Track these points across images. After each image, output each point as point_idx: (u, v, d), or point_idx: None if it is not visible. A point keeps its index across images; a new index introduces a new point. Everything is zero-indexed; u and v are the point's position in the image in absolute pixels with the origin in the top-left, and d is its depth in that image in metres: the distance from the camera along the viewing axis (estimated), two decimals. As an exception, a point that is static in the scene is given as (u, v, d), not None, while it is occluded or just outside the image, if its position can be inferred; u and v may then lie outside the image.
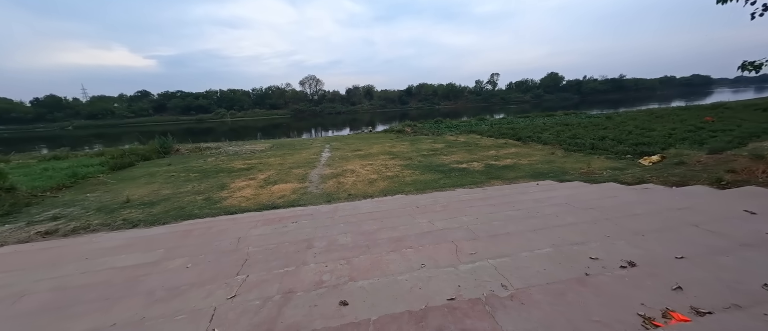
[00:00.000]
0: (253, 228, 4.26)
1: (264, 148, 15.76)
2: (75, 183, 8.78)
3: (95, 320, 1.93)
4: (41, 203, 7.04)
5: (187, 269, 2.76)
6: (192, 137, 23.37)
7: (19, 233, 5.20)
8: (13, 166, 11.40)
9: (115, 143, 23.59)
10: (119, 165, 11.29)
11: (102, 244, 4.26)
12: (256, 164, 10.67)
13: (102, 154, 13.85)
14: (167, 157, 13.87)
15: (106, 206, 6.55)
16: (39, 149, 22.47)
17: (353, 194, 6.31)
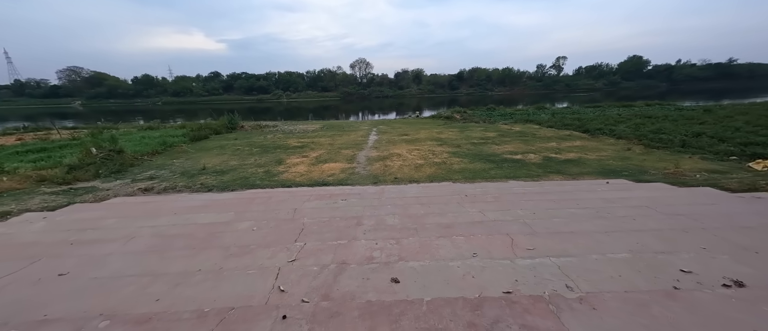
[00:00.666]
0: (307, 201, 4.57)
1: (315, 128, 16.60)
2: (165, 150, 10.33)
3: (185, 264, 2.28)
4: (141, 164, 8.45)
5: (253, 232, 3.08)
6: (253, 115, 25.62)
7: (126, 187, 6.33)
8: (120, 133, 13.81)
9: (192, 118, 27.04)
10: (197, 137, 12.93)
11: (186, 203, 4.98)
12: (308, 143, 11.32)
13: (184, 127, 16.00)
14: (234, 133, 15.46)
15: (187, 172, 7.61)
16: (137, 120, 26.75)
17: (399, 177, 6.33)
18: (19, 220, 4.20)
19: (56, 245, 2.99)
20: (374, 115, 34.01)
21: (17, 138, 13.97)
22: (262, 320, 1.46)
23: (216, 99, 75.71)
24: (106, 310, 1.64)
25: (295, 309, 1.54)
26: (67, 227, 3.70)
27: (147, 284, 1.93)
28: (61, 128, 17.77)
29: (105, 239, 3.14)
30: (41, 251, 2.80)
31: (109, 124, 20.12)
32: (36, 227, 3.81)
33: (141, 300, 1.75)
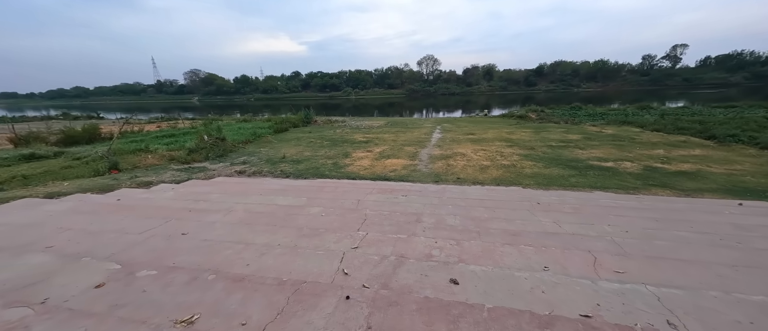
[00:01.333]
0: (370, 194, 4.77)
1: (380, 124, 17.12)
2: (255, 139, 12.04)
3: (268, 238, 2.65)
4: (237, 151, 10.05)
5: (322, 217, 3.38)
6: (325, 111, 27.75)
7: (226, 169, 7.61)
8: (223, 124, 16.62)
9: (276, 112, 30.78)
10: (279, 129, 14.70)
11: (269, 186, 5.74)
12: (373, 139, 11.76)
13: (269, 120, 18.35)
14: (308, 127, 17.08)
15: (271, 159, 8.73)
16: (235, 114, 31.67)
17: (462, 178, 6.10)
18: (157, 189, 5.46)
19: (180, 211, 3.81)
20: (439, 113, 33.29)
21: (157, 126, 18.11)
22: (329, 296, 1.61)
23: (295, 96, 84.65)
24: (212, 266, 2.03)
25: (357, 292, 1.65)
26: (186, 197, 4.66)
27: (241, 250, 2.31)
28: (184, 119, 22.38)
29: (211, 209, 3.86)
30: (170, 214, 3.61)
31: (216, 117, 24.43)
32: (167, 195, 4.90)
33: (236, 263, 2.11)
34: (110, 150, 8.19)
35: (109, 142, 9.52)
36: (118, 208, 4.00)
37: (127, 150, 9.25)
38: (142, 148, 9.56)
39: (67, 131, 11.95)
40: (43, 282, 1.83)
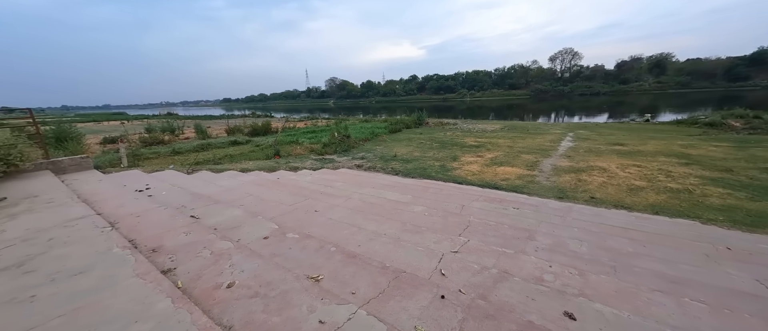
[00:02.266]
0: (475, 201, 4.57)
1: (495, 128, 15.88)
2: (372, 138, 13.48)
3: (376, 226, 2.99)
4: (358, 147, 11.53)
5: (425, 216, 3.51)
6: (437, 113, 27.95)
7: (349, 162, 8.88)
8: (349, 124, 19.33)
9: (392, 114, 33.30)
10: (393, 130, 15.89)
11: (380, 181, 6.36)
12: (485, 143, 11.07)
13: (386, 121, 20.09)
14: (420, 128, 17.68)
15: (384, 157, 9.59)
16: (358, 115, 36.14)
17: (599, 198, 4.96)
18: (301, 173, 6.98)
19: (315, 193, 4.77)
20: (573, 117, 27.80)
21: (304, 123, 22.91)
22: (425, 291, 1.71)
23: (411, 98, 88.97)
24: (334, 241, 2.48)
25: (453, 295, 1.67)
26: (319, 182, 5.77)
27: (355, 232, 2.72)
28: (322, 118, 27.38)
29: (335, 195, 4.65)
30: (309, 194, 4.58)
31: (344, 117, 28.67)
32: (307, 178, 6.20)
33: (350, 242, 2.50)
34: (276, 141, 10.99)
35: (275, 135, 12.81)
36: (278, 184, 5.37)
37: (285, 141, 12.16)
38: (294, 141, 12.35)
39: (253, 126, 16.77)
40: (237, 228, 2.72)
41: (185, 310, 1.35)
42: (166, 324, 1.27)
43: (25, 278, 1.66)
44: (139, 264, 1.76)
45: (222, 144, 12.22)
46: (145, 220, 2.77)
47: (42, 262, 1.82)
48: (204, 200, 3.62)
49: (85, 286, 1.56)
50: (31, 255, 1.92)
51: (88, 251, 1.96)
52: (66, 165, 4.97)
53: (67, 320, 1.31)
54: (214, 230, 2.68)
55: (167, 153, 10.35)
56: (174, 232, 2.45)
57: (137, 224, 2.67)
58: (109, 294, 1.49)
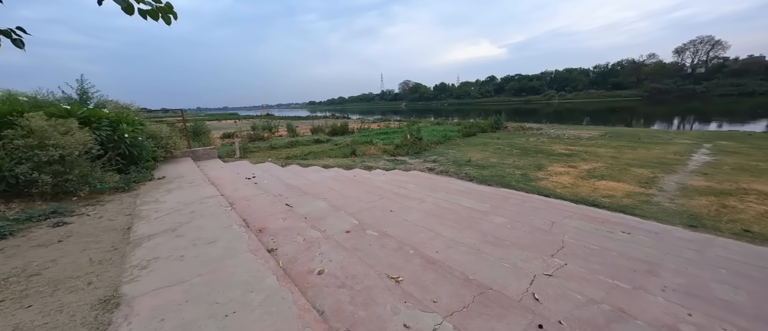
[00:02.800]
0: (568, 218, 3.96)
1: (592, 135, 13.60)
2: (444, 141, 13.15)
3: (453, 233, 2.86)
4: (429, 150, 11.39)
5: (508, 229, 3.20)
6: (518, 117, 25.56)
7: (420, 165, 8.84)
8: (421, 126, 19.29)
9: (465, 117, 31.89)
10: (467, 133, 15.18)
11: (454, 186, 6.12)
12: (579, 152, 9.56)
13: (459, 124, 19.34)
14: (497, 132, 16.43)
15: (457, 161, 9.22)
16: (429, 117, 35.76)
17: (759, 232, 3.71)
18: (375, 172, 7.26)
19: (389, 192, 4.89)
20: (708, 125, 21.67)
21: (377, 125, 23.89)
22: (516, 314, 1.53)
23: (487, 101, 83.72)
24: (411, 243, 2.47)
25: (553, 327, 1.46)
26: (392, 183, 5.89)
27: (432, 237, 2.66)
28: (394, 121, 28.09)
29: (409, 196, 4.67)
30: (383, 194, 4.72)
31: (416, 119, 28.79)
32: (381, 178, 6.41)
33: (428, 246, 2.45)
34: (352, 141, 11.74)
35: (352, 135, 13.69)
36: (354, 182, 5.70)
37: (360, 142, 12.88)
38: (368, 142, 12.97)
39: (332, 126, 18.32)
40: (323, 219, 2.98)
41: (287, 289, 1.52)
42: (273, 299, 1.45)
43: (177, 240, 2.13)
44: (251, 241, 2.07)
45: (307, 142, 13.70)
46: (253, 203, 3.28)
47: (187, 229, 2.32)
48: (295, 191, 4.08)
49: (214, 254, 1.91)
50: (181, 223, 2.47)
51: (216, 224, 2.41)
52: (200, 154, 6.34)
53: (205, 280, 1.63)
54: (305, 218, 2.99)
55: (266, 148, 12.15)
56: (274, 217, 2.82)
57: (248, 206, 3.18)
58: (231, 263, 1.79)
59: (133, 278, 1.65)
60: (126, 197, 3.28)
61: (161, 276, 1.67)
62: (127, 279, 1.64)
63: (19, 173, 2.79)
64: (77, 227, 2.41)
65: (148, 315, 1.34)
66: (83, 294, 1.52)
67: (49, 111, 3.30)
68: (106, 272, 1.74)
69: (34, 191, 2.88)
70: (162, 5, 2.32)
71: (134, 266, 1.77)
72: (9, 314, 1.37)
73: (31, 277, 1.67)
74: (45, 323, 1.31)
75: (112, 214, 2.73)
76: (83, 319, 1.33)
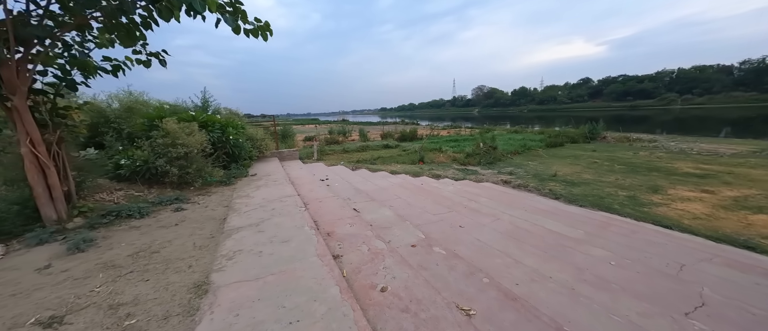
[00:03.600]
0: (706, 262, 2.97)
1: (739, 151, 10.32)
2: (523, 151, 11.83)
3: (537, 263, 2.41)
4: (504, 160, 10.38)
5: (612, 267, 2.55)
6: (620, 125, 21.35)
7: (493, 176, 8.09)
8: (496, 134, 17.87)
9: (549, 125, 28.27)
10: (552, 143, 13.35)
11: (534, 203, 5.35)
12: (718, 172, 7.33)
13: (542, 133, 17.21)
14: (592, 143, 14.00)
15: (539, 175, 8.12)
16: (505, 125, 32.93)
17: None
18: (443, 182, 6.93)
19: (458, 205, 4.55)
20: None
21: (447, 132, 23.17)
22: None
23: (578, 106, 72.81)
24: (485, 268, 2.17)
25: None
26: (462, 194, 5.50)
27: (510, 264, 2.29)
28: (465, 127, 26.78)
29: (480, 211, 4.25)
30: (452, 206, 4.41)
31: (490, 127, 26.89)
32: (450, 188, 6.06)
33: (506, 276, 2.11)
34: (421, 148, 11.58)
35: (420, 142, 13.54)
36: (422, 191, 5.53)
37: (429, 149, 12.62)
38: (437, 149, 12.62)
39: (401, 132, 18.52)
40: (389, 229, 2.90)
41: (349, 305, 1.46)
42: (335, 314, 1.41)
43: (258, 235, 2.34)
44: (319, 245, 2.12)
45: (376, 147, 14.13)
46: (324, 206, 3.43)
47: (267, 226, 2.54)
48: (363, 196, 4.15)
49: (286, 253, 2.01)
50: (263, 219, 2.73)
51: (291, 224, 2.57)
52: (285, 155, 7.15)
53: (276, 280, 1.71)
54: (371, 226, 2.97)
55: (340, 151, 13.01)
56: (342, 222, 2.88)
57: (319, 208, 3.34)
58: (300, 266, 1.85)
59: (221, 268, 1.85)
60: (226, 191, 3.84)
61: (242, 269, 1.82)
62: (217, 267, 1.85)
63: (158, 165, 3.55)
64: (189, 214, 2.90)
65: (227, 308, 1.45)
66: (184, 276, 1.77)
67: (180, 116, 4.14)
68: (203, 257, 2.00)
69: (166, 181, 3.63)
70: (262, 24, 2.65)
71: (223, 256, 1.99)
72: (132, 285, 1.67)
73: (153, 254, 2.04)
74: (155, 298, 1.55)
75: (214, 204, 3.21)
76: (181, 300, 1.53)
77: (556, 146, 13.23)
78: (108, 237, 2.29)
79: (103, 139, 3.99)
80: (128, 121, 4.05)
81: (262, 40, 2.57)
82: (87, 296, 1.55)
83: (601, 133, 15.65)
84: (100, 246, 2.14)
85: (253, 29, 2.53)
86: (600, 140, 14.84)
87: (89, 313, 1.43)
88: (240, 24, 2.44)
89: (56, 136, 2.36)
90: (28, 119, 2.13)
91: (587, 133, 15.22)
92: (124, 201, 3.10)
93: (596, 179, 7.36)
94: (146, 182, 3.63)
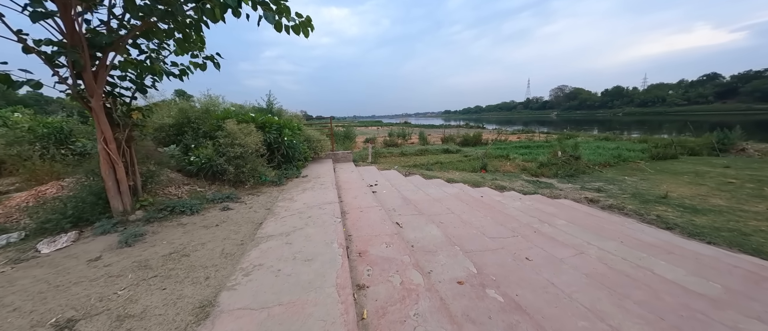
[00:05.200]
0: None
1: None
2: (617, 163, 9.69)
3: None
4: (591, 173, 8.61)
5: (793, 365, 1.58)
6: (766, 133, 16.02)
7: (575, 192, 6.70)
8: (579, 141, 15.26)
9: (654, 131, 23.04)
10: (660, 155, 10.66)
11: (635, 233, 4.10)
12: None
13: (645, 141, 13.99)
14: (723, 156, 10.71)
15: (640, 194, 6.41)
16: (593, 130, 28.17)
17: None
18: (508, 195, 5.99)
19: (526, 227, 3.74)
20: None
21: (517, 137, 20.87)
22: None
23: (697, 109, 58.16)
24: (554, 327, 1.53)
25: None
26: (532, 213, 4.58)
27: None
28: (540, 133, 23.75)
29: (557, 239, 3.38)
30: (517, 228, 3.64)
31: (572, 132, 23.26)
32: (516, 204, 5.16)
33: (596, 355, 1.44)
34: (484, 154, 10.52)
35: (485, 147, 12.35)
36: (481, 204, 4.80)
37: (494, 155, 11.41)
38: (504, 156, 11.31)
39: (464, 136, 17.34)
40: (433, 254, 2.42)
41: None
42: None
43: (284, 248, 2.15)
44: (342, 271, 1.79)
45: (436, 151, 13.45)
46: (364, 217, 3.14)
47: (297, 237, 2.35)
48: (410, 208, 3.73)
49: (304, 277, 1.74)
50: (296, 228, 2.56)
51: (321, 238, 2.32)
52: (340, 157, 7.21)
53: (281, 313, 1.44)
54: (411, 248, 2.54)
55: (397, 153, 12.78)
56: (379, 239, 2.52)
57: (358, 219, 3.06)
58: (313, 298, 1.55)
59: (234, 286, 1.68)
60: (275, 191, 3.89)
61: (253, 291, 1.62)
62: (230, 284, 1.68)
63: (218, 163, 3.77)
64: (233, 214, 2.93)
65: (219, 343, 1.23)
66: (198, 289, 1.65)
67: (240, 118, 4.41)
68: (225, 268, 1.88)
69: (224, 178, 3.84)
70: (303, 19, 2.49)
71: (242, 270, 1.84)
72: (150, 292, 1.62)
73: (182, 257, 2.02)
74: (160, 315, 1.44)
75: (258, 206, 3.22)
76: (180, 323, 1.38)
77: (667, 159, 10.53)
78: (156, 232, 2.42)
79: (183, 138, 4.48)
80: (205, 121, 4.47)
81: (303, 36, 2.41)
82: (108, 300, 1.55)
83: (738, 144, 11.91)
84: (146, 241, 2.24)
85: (294, 26, 2.39)
86: (735, 153, 11.31)
87: (100, 320, 1.39)
88: (282, 21, 2.31)
89: (125, 134, 2.63)
90: (103, 119, 2.40)
91: (715, 144, 11.74)
92: (187, 196, 3.35)
93: (734, 207, 5.42)
94: (209, 178, 3.91)
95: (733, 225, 4.62)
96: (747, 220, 4.84)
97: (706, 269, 2.97)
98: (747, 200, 5.79)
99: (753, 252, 3.80)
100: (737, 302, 2.29)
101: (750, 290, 2.62)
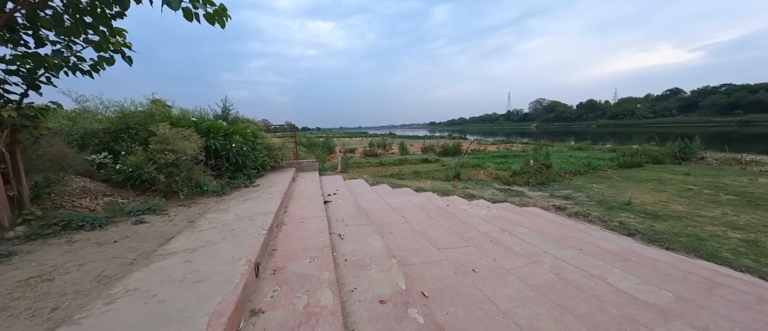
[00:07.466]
0: None
1: None
2: (587, 172, 9.86)
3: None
4: (561, 181, 8.67)
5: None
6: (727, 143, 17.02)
7: (544, 200, 6.66)
8: (553, 150, 15.60)
9: (625, 142, 24.07)
10: (627, 163, 10.98)
11: (595, 240, 4.00)
12: None
13: (614, 150, 14.47)
14: (684, 165, 11.17)
15: (606, 201, 6.44)
16: (569, 141, 29.15)
17: None
18: (476, 204, 5.83)
19: (482, 236, 3.55)
20: None
21: (496, 147, 21.20)
22: None
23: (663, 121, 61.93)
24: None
25: None
26: (494, 221, 4.41)
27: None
28: (518, 143, 24.28)
29: (513, 249, 3.20)
30: (473, 238, 3.44)
31: (548, 142, 23.95)
32: (480, 213, 4.99)
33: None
34: (458, 163, 10.46)
35: (461, 157, 12.34)
36: (444, 214, 4.60)
37: (470, 165, 11.38)
38: (479, 165, 11.31)
39: (444, 147, 17.40)
40: (364, 269, 2.15)
41: None
42: None
43: (177, 269, 1.81)
44: (231, 295, 1.49)
45: (415, 161, 13.33)
46: (301, 228, 2.84)
47: (202, 253, 2.02)
48: (360, 218, 3.46)
49: (179, 304, 1.43)
50: (210, 242, 2.23)
51: (230, 254, 2.00)
52: (304, 166, 6.89)
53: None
54: (345, 261, 2.27)
55: (375, 164, 12.53)
56: (305, 253, 2.23)
57: (294, 231, 2.76)
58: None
59: (81, 318, 1.33)
60: (212, 202, 3.52)
61: (100, 326, 1.28)
62: (78, 317, 1.34)
63: (147, 171, 3.39)
64: (145, 228, 2.56)
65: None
66: (33, 324, 1.30)
67: (174, 121, 4.05)
68: (88, 295, 1.53)
69: (154, 188, 3.45)
70: (217, 7, 2.26)
71: (108, 296, 1.50)
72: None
73: (43, 283, 1.65)
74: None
75: (181, 218, 2.86)
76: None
77: (633, 167, 10.84)
78: (31, 252, 2.03)
79: (117, 145, 4.06)
80: (145, 127, 4.08)
81: (219, 27, 2.17)
82: None
83: (698, 153, 12.50)
84: (11, 263, 1.86)
85: (207, 15, 2.15)
86: (695, 162, 11.84)
87: None
88: (190, 7, 2.06)
89: (4, 136, 2.26)
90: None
91: (677, 153, 12.27)
92: (101, 208, 2.94)
93: (692, 212, 5.50)
94: (137, 188, 3.51)
95: (691, 230, 4.64)
96: (704, 225, 4.88)
97: (660, 277, 2.85)
98: (704, 206, 5.91)
99: (708, 257, 3.77)
100: (686, 312, 2.15)
101: (701, 297, 2.50)
